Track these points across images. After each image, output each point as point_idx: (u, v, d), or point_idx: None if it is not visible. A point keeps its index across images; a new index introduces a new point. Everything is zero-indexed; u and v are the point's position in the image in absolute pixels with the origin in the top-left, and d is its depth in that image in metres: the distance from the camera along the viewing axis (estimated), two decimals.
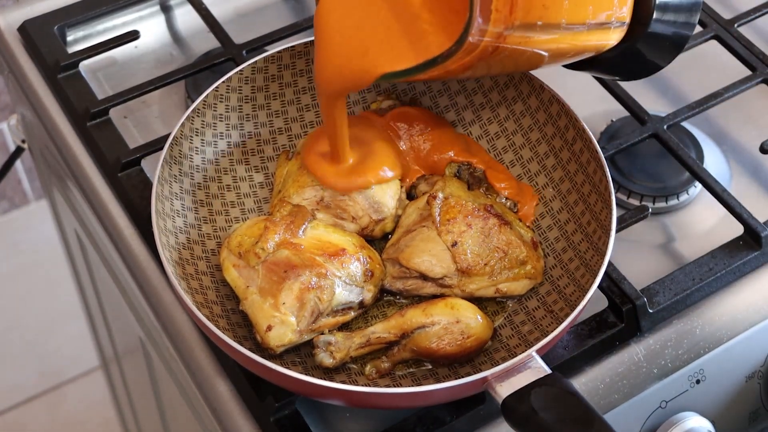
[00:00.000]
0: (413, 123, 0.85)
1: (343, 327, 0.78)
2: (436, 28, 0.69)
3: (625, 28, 0.68)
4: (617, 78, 0.77)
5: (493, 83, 0.87)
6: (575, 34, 0.66)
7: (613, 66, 0.74)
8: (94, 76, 1.02)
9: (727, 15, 1.01)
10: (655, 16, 0.69)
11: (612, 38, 0.68)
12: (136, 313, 0.94)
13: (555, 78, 0.85)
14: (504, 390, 0.69)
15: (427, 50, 0.68)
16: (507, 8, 0.61)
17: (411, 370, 0.76)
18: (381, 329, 0.75)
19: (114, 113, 0.95)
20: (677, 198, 0.90)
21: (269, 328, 0.74)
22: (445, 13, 0.69)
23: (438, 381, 0.75)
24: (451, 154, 0.85)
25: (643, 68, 0.74)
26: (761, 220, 0.85)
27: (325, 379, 0.70)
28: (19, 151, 1.22)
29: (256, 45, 0.97)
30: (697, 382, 0.82)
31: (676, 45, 0.72)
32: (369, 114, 0.87)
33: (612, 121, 0.95)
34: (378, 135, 0.82)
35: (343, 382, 0.74)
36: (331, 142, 0.79)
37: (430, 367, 0.76)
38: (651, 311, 0.80)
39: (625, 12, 0.67)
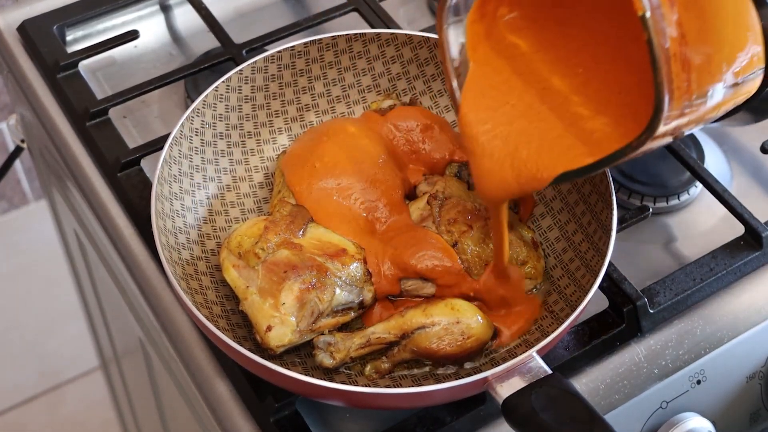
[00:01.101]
0: (413, 123, 0.85)
1: (343, 327, 0.77)
2: (603, 121, 0.66)
3: (763, 73, 0.67)
4: (755, 118, 0.77)
5: None
6: (735, 92, 0.65)
7: (754, 110, 0.74)
8: (94, 75, 1.02)
9: None
10: None
11: (756, 85, 0.67)
12: (135, 313, 0.94)
13: None
14: (504, 390, 0.69)
15: (599, 145, 0.65)
16: (685, 87, 0.60)
17: (411, 370, 0.76)
18: (381, 329, 0.75)
19: (113, 113, 0.95)
20: (678, 198, 0.90)
21: (269, 328, 0.73)
22: (605, 103, 0.67)
23: (438, 381, 0.74)
24: (452, 153, 0.84)
25: None
26: (762, 220, 0.85)
27: (325, 380, 0.70)
28: (18, 151, 1.22)
29: (256, 45, 0.97)
30: (698, 382, 0.81)
31: None
32: (369, 114, 0.87)
33: None
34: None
35: (343, 383, 0.74)
36: (495, 240, 0.76)
37: (430, 367, 0.76)
38: (652, 311, 0.80)
39: (762, 58, 0.66)
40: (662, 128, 0.60)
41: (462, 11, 0.69)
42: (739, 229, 0.85)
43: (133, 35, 1.01)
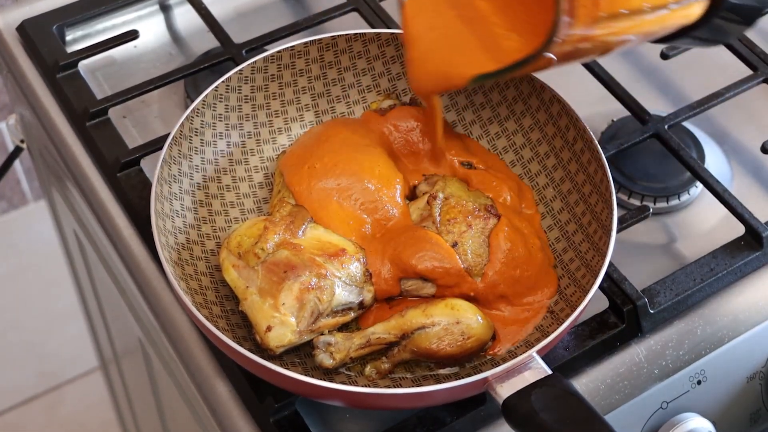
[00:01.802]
0: (413, 123, 0.85)
1: (343, 328, 0.77)
2: (510, 32, 0.71)
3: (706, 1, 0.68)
4: (701, 45, 0.77)
5: (493, 83, 0.87)
6: (659, 17, 0.66)
7: (698, 36, 0.74)
8: (93, 75, 1.02)
9: None
10: None
11: (694, 12, 0.68)
12: (135, 313, 0.94)
13: (556, 78, 0.84)
14: (504, 391, 0.68)
15: (506, 54, 0.69)
16: (592, 3, 0.62)
17: (411, 371, 0.76)
18: (381, 330, 0.75)
19: (113, 113, 0.95)
20: (678, 198, 0.90)
21: (269, 328, 0.73)
22: (518, 15, 0.71)
23: (438, 382, 0.74)
24: (452, 153, 0.84)
25: (728, 33, 0.74)
26: (762, 220, 0.85)
27: (324, 380, 0.70)
28: (17, 151, 1.22)
29: (256, 45, 0.97)
30: (698, 382, 0.81)
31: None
32: (369, 114, 0.86)
33: (613, 120, 0.95)
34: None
35: (343, 383, 0.74)
36: (430, 126, 0.83)
37: (430, 367, 0.76)
38: (652, 312, 0.80)
39: None
40: (560, 47, 0.63)
41: None
42: (739, 230, 0.85)
43: (132, 35, 1.01)
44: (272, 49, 0.86)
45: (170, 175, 0.80)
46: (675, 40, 0.72)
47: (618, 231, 0.81)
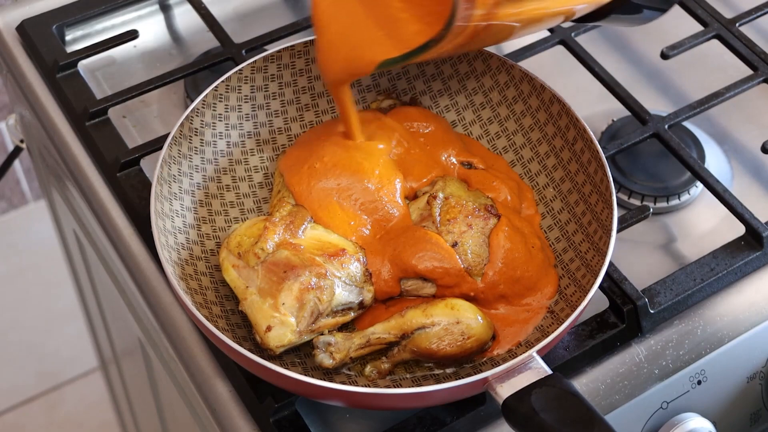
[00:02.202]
0: (413, 123, 0.85)
1: (343, 328, 0.77)
2: (411, 16, 0.71)
3: None
4: (626, 24, 0.77)
5: (493, 83, 0.87)
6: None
7: (621, 12, 0.74)
8: (93, 75, 1.02)
9: (728, 14, 1.01)
10: None
11: None
12: (135, 313, 0.94)
13: (556, 78, 0.85)
14: (504, 391, 0.68)
15: (407, 39, 0.70)
16: None
17: (411, 370, 0.76)
18: (381, 330, 0.75)
19: (113, 113, 0.95)
20: (678, 198, 0.90)
21: (269, 328, 0.73)
22: (420, 8, 0.71)
23: (438, 382, 0.74)
24: (452, 153, 0.84)
25: (648, 9, 0.74)
26: (763, 220, 0.85)
27: (324, 380, 0.70)
28: (17, 151, 1.22)
29: (256, 44, 0.97)
30: (699, 383, 0.81)
31: None
32: (371, 113, 0.86)
33: (613, 120, 0.95)
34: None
35: (343, 383, 0.74)
36: (343, 121, 0.82)
37: (430, 367, 0.76)
38: (652, 312, 0.80)
39: None
40: (461, 30, 0.64)
41: None
42: (739, 229, 0.85)
43: (132, 35, 1.01)
44: (272, 49, 0.86)
45: (170, 175, 0.80)
46: (598, 19, 0.72)
47: (618, 231, 0.81)
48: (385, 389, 0.71)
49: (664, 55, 0.96)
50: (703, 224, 0.89)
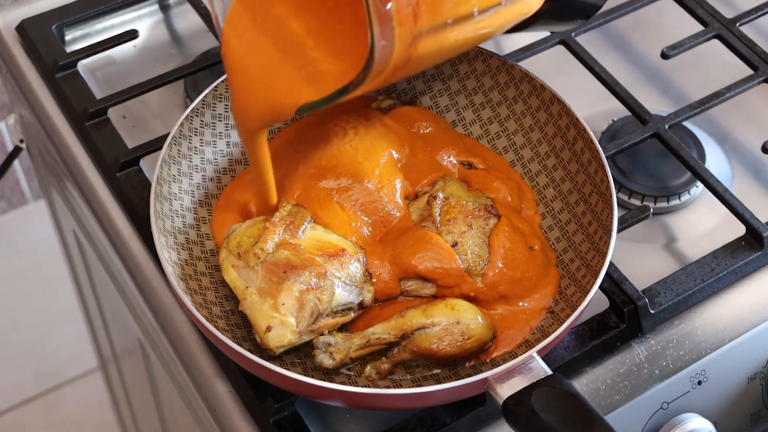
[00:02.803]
0: (413, 123, 0.85)
1: (343, 328, 0.77)
2: (326, 55, 0.68)
3: None
4: (560, 29, 0.75)
5: (493, 83, 0.86)
6: (493, 15, 0.63)
7: (553, 18, 0.72)
8: (93, 75, 1.02)
9: (728, 14, 1.01)
10: None
11: (533, 3, 0.65)
12: (134, 314, 0.94)
13: (556, 78, 0.84)
14: (505, 391, 0.68)
15: (326, 81, 0.67)
16: (410, 19, 0.58)
17: (411, 371, 0.76)
18: (381, 330, 0.75)
19: (112, 113, 0.95)
20: (679, 198, 0.90)
21: (268, 329, 0.73)
22: (333, 36, 0.68)
23: (438, 382, 0.74)
24: (452, 153, 0.84)
25: (581, 11, 0.72)
26: (763, 220, 0.84)
27: (324, 380, 0.70)
28: (17, 150, 1.22)
29: None
30: (699, 383, 0.81)
31: None
32: (371, 113, 0.86)
33: (613, 120, 0.95)
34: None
35: (343, 384, 0.74)
36: (257, 176, 0.77)
37: (430, 367, 0.76)
38: (652, 312, 0.80)
39: None
40: (383, 66, 0.60)
41: None
42: (740, 230, 0.85)
43: (132, 35, 1.01)
44: None
45: (170, 175, 0.80)
46: (531, 27, 0.70)
47: (618, 231, 0.80)
48: (385, 389, 0.71)
49: (665, 55, 0.96)
50: (703, 224, 0.89)
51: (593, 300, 0.73)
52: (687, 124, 0.94)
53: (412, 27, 0.58)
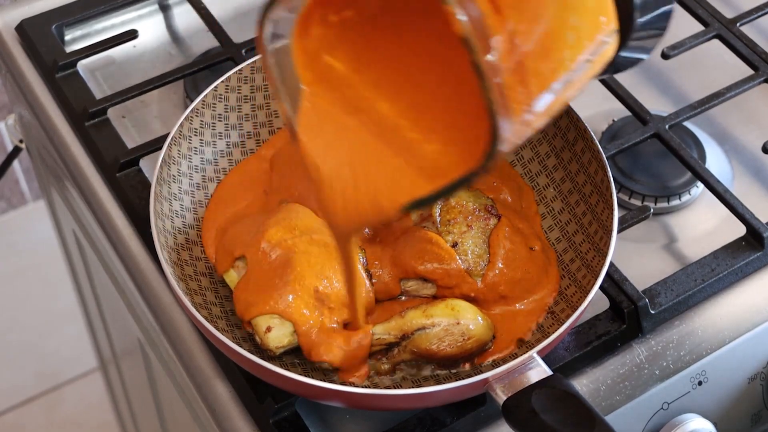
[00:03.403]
0: None
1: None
2: (430, 136, 0.62)
3: (616, 35, 0.65)
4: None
5: None
6: (586, 73, 0.62)
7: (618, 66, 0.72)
8: (92, 75, 1.02)
9: (729, 14, 1.01)
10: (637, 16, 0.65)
11: (609, 53, 0.65)
12: (134, 314, 0.94)
13: None
14: (505, 391, 0.68)
15: (439, 172, 0.61)
16: (525, 95, 0.56)
17: (411, 371, 0.76)
18: (381, 330, 0.75)
19: (112, 113, 0.95)
20: (679, 198, 0.90)
21: (268, 329, 0.73)
22: (431, 114, 0.62)
23: (438, 383, 0.74)
24: None
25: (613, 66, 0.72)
26: (763, 220, 0.84)
27: (324, 381, 0.70)
28: (16, 151, 1.21)
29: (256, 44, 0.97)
30: (699, 383, 0.81)
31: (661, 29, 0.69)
32: None
33: (613, 120, 0.95)
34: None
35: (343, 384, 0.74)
36: (348, 282, 0.72)
37: (430, 368, 0.76)
38: (653, 312, 0.80)
39: (612, 25, 0.64)
40: (504, 147, 0.56)
41: (286, 30, 0.63)
42: (740, 230, 0.85)
43: (132, 35, 1.01)
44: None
45: (169, 175, 0.80)
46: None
47: (619, 231, 0.80)
48: (385, 390, 0.71)
49: (665, 55, 0.96)
50: (703, 224, 0.89)
51: (593, 300, 0.73)
52: (687, 124, 0.94)
53: (524, 105, 0.56)
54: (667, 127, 0.90)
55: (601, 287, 0.77)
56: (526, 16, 0.55)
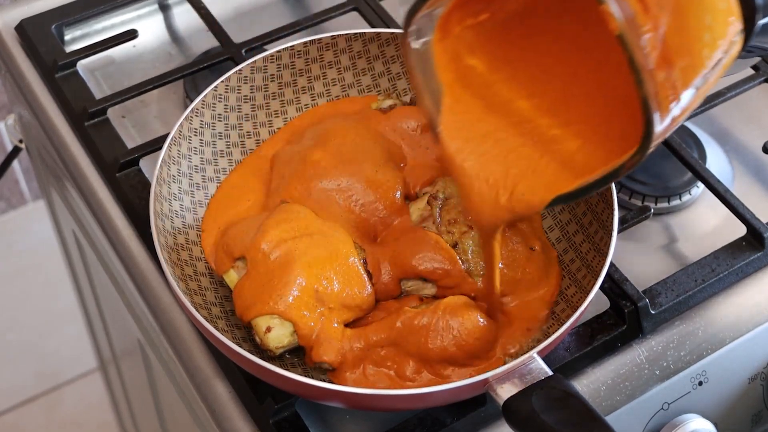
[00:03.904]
0: (413, 123, 0.85)
1: None
2: (581, 142, 0.65)
3: (742, 35, 0.67)
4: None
5: None
6: (721, 66, 0.64)
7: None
8: (92, 75, 1.02)
9: None
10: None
11: (736, 49, 0.67)
12: (134, 314, 0.94)
13: None
14: (505, 392, 0.68)
15: (585, 167, 0.64)
16: (672, 91, 0.58)
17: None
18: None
19: (112, 113, 0.95)
20: (679, 198, 0.90)
21: (268, 329, 0.73)
22: (572, 111, 0.65)
23: (438, 383, 0.74)
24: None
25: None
26: (764, 220, 0.84)
27: (324, 381, 0.69)
28: (16, 151, 1.21)
29: (255, 44, 0.97)
30: (700, 383, 0.81)
31: None
32: (370, 113, 0.86)
33: None
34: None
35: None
36: (487, 271, 0.75)
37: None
38: (653, 312, 0.80)
39: (739, 25, 0.66)
40: (654, 142, 0.59)
41: (427, 33, 0.67)
42: (740, 230, 0.85)
43: (131, 35, 1.01)
44: (272, 49, 0.86)
45: (169, 175, 0.80)
46: None
47: (619, 231, 0.80)
48: (385, 390, 0.71)
49: None
50: (704, 225, 0.89)
51: (594, 300, 0.73)
52: (687, 124, 0.94)
53: (672, 99, 0.59)
54: None
55: (601, 287, 0.76)
56: (670, 15, 0.58)
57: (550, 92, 0.66)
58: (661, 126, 0.58)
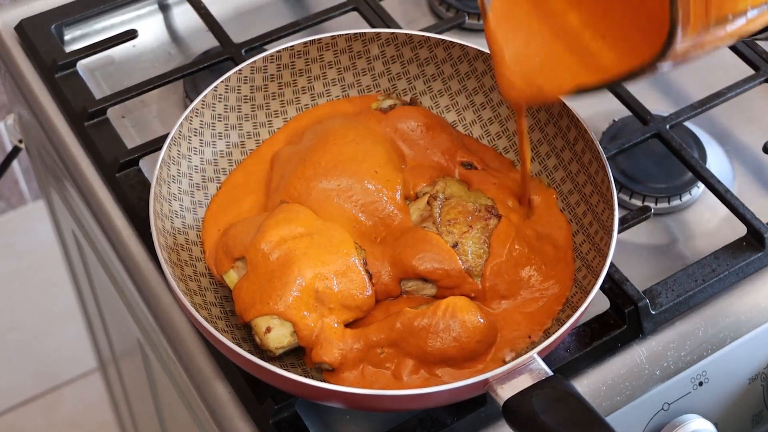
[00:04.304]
0: (413, 123, 0.85)
1: None
2: (603, 44, 0.69)
3: None
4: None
5: (494, 83, 0.86)
6: (757, 17, 0.66)
7: None
8: (92, 75, 1.02)
9: None
10: None
11: None
12: (134, 314, 0.94)
13: None
14: (505, 392, 0.68)
15: (602, 66, 0.68)
16: (704, 16, 0.61)
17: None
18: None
19: (112, 113, 0.95)
20: (680, 198, 0.90)
21: (268, 329, 0.73)
22: (611, 27, 0.69)
23: (438, 383, 0.74)
24: (452, 153, 0.84)
25: None
26: (764, 220, 0.84)
27: (324, 381, 0.69)
28: (16, 151, 1.21)
29: (255, 44, 0.97)
30: (700, 384, 0.81)
31: None
32: (370, 113, 0.86)
33: (614, 120, 0.95)
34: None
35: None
36: (520, 143, 0.80)
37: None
38: (653, 313, 0.80)
39: None
40: (672, 57, 0.61)
41: None
42: (741, 230, 0.85)
43: (131, 35, 1.01)
44: (272, 49, 0.86)
45: (169, 175, 0.80)
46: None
47: (619, 231, 0.80)
48: (385, 390, 0.71)
49: None
50: (704, 225, 0.89)
51: (594, 300, 0.72)
52: (688, 124, 0.94)
53: (704, 18, 0.61)
54: (667, 127, 0.90)
55: (601, 288, 0.76)
56: None
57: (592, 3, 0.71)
58: (682, 43, 0.60)
